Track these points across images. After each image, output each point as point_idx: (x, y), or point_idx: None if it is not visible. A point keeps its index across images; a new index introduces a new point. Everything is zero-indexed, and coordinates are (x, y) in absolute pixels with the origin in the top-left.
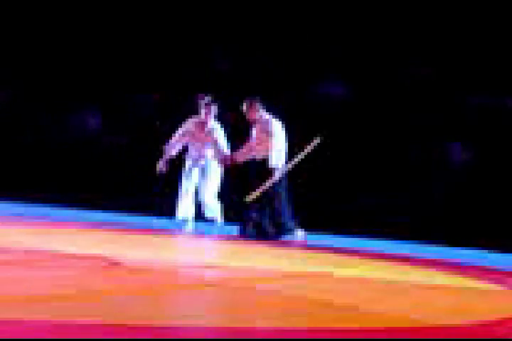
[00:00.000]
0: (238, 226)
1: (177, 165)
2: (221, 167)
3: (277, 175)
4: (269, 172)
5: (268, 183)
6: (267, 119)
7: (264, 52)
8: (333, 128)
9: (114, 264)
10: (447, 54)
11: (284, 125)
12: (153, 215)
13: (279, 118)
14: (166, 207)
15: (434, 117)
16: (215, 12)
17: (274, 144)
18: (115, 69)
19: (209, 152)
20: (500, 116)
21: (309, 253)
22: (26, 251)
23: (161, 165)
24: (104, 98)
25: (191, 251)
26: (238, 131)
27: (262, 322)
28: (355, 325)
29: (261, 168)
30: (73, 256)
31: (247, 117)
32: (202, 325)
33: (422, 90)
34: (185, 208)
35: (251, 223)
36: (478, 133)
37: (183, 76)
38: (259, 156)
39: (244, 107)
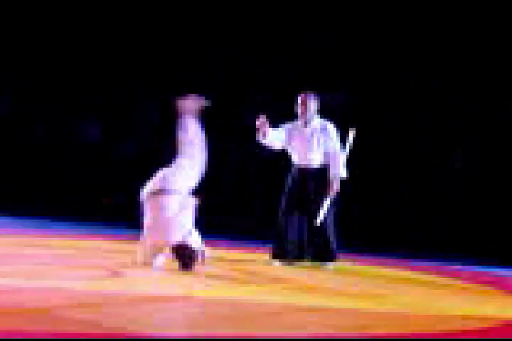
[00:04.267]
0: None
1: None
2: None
3: (337, 187)
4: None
5: (329, 197)
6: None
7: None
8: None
9: (116, 274)
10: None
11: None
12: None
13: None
14: None
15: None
16: (213, 14)
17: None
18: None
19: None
20: (502, 121)
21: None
22: (26, 262)
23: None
24: (105, 106)
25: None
26: None
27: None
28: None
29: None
30: (74, 266)
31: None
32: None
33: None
34: None
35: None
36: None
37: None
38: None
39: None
